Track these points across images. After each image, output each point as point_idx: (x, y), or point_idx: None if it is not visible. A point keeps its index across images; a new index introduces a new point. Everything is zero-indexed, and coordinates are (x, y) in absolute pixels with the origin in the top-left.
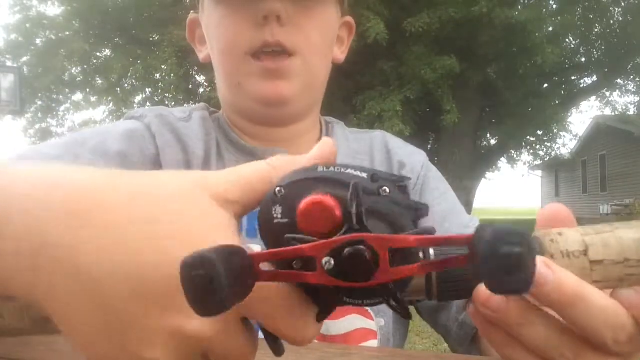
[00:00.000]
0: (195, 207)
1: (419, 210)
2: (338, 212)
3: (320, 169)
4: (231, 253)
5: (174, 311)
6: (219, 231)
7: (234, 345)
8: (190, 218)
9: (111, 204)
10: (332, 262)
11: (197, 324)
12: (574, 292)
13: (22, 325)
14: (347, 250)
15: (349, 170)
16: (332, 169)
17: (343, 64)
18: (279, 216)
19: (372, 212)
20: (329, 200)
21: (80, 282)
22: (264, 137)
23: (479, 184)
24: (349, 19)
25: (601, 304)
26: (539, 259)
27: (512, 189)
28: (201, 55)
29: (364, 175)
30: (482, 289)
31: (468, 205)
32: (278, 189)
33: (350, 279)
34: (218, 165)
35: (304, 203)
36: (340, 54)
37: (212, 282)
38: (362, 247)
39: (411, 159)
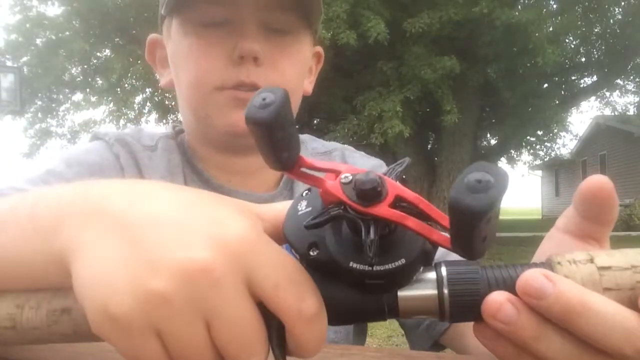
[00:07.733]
0: (227, 205)
1: None
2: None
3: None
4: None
5: (189, 247)
6: (243, 214)
7: (238, 313)
8: (220, 204)
9: (149, 187)
10: (350, 176)
11: (204, 255)
12: (577, 301)
13: (38, 325)
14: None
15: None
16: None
17: (343, 63)
18: (303, 208)
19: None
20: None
21: (116, 223)
22: (228, 168)
23: None
24: (318, 49)
25: (608, 311)
26: (537, 271)
27: (512, 189)
28: (163, 80)
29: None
30: (490, 299)
31: None
32: (306, 192)
33: (358, 199)
34: None
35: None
36: (309, 84)
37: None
38: (377, 177)
39: None
